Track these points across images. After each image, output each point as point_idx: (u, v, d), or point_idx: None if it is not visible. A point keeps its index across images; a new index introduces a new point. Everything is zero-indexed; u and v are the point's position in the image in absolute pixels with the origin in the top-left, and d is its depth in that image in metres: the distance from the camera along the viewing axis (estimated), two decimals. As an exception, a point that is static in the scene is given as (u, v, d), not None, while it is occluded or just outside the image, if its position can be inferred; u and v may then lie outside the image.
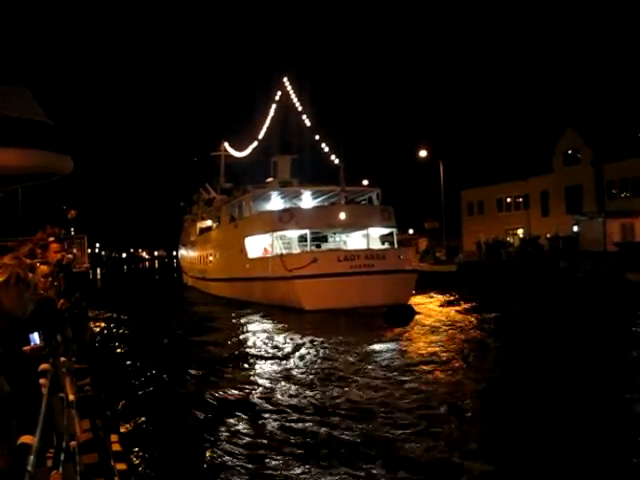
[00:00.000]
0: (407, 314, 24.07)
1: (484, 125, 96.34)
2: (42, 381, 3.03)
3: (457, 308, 26.85)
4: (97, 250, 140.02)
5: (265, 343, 19.05)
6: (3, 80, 24.86)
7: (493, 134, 74.58)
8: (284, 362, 15.77)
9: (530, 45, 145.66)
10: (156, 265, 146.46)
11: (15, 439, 1.73)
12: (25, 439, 1.73)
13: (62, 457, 2.81)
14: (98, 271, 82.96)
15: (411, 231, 76.39)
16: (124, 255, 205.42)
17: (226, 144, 51.84)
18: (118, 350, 18.62)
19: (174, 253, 76.71)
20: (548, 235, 46.32)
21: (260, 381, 13.59)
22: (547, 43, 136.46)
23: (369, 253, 27.92)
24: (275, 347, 18.14)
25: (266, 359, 16.43)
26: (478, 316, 23.79)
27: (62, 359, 4.47)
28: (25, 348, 3.10)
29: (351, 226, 30.54)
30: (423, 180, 70.39)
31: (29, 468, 1.30)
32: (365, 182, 61.00)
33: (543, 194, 52.70)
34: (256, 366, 15.59)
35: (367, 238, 29.87)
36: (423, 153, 54.79)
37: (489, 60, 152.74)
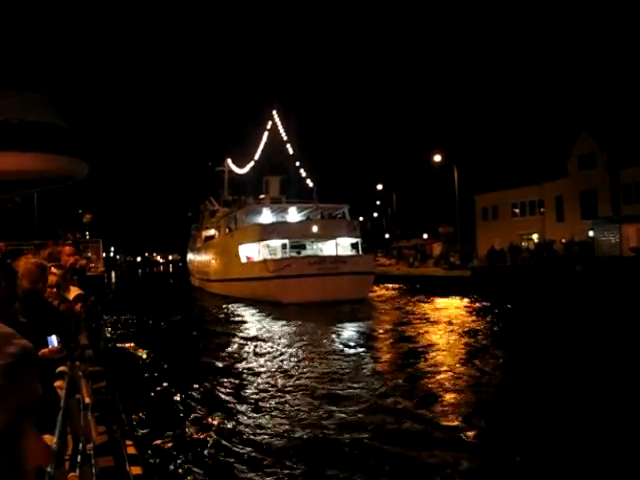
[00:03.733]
0: (362, 306, 30.35)
1: (498, 130, 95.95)
2: (59, 383, 3.04)
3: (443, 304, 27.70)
4: (112, 254, 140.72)
5: (255, 330, 23.66)
6: (20, 86, 25.14)
7: (507, 139, 74.28)
8: (268, 341, 20.13)
9: (545, 49, 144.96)
10: (170, 269, 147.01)
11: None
12: (44, 439, 1.73)
13: (79, 459, 2.82)
14: (113, 275, 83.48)
15: (425, 236, 76.34)
16: (139, 259, 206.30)
17: (229, 160, 56.90)
18: (133, 353, 18.69)
19: (188, 257, 79.21)
20: (563, 240, 46.00)
21: (256, 360, 16.72)
22: (562, 47, 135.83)
23: (334, 258, 34.47)
24: (261, 330, 23.38)
25: (256, 342, 20.04)
26: (464, 315, 25.90)
27: (77, 362, 4.50)
28: (43, 351, 3.12)
29: (322, 237, 36.84)
30: (437, 185, 70.45)
31: (49, 469, 1.30)
32: (379, 187, 66.69)
33: (558, 199, 52.24)
34: (250, 349, 18.76)
35: (336, 246, 36.16)
36: (437, 158, 54.77)
37: (504, 65, 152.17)
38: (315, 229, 36.35)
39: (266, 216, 40.33)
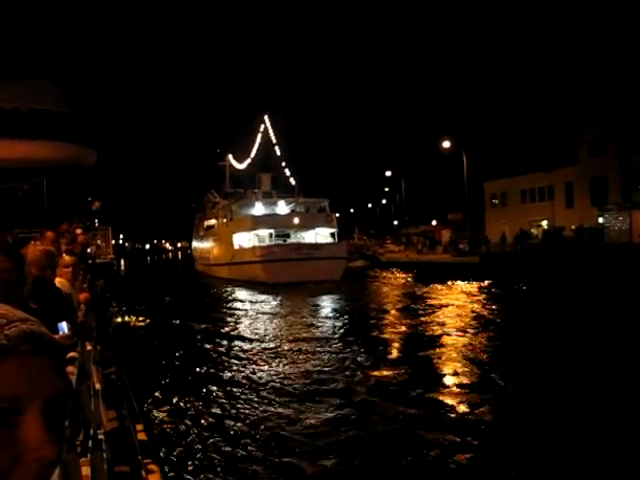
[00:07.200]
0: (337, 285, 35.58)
1: (508, 116, 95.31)
2: (70, 369, 3.05)
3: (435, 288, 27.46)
4: (121, 241, 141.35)
5: (247, 305, 28.09)
6: (28, 73, 25.11)
7: (517, 125, 73.84)
8: (258, 312, 24.80)
9: (556, 36, 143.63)
10: (179, 256, 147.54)
11: None
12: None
13: (90, 445, 2.83)
14: (122, 262, 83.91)
15: (434, 222, 76.15)
16: (147, 246, 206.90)
17: (230, 156, 61.86)
18: (142, 338, 18.82)
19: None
20: (573, 227, 45.74)
21: (252, 335, 18.83)
22: (573, 34, 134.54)
23: (312, 245, 40.58)
24: (253, 303, 28.81)
25: (249, 316, 23.89)
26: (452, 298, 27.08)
27: (88, 348, 4.51)
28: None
29: (302, 227, 43.24)
30: (446, 172, 70.16)
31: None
32: (388, 173, 70.34)
33: (568, 185, 51.95)
34: (244, 323, 22.16)
35: (315, 235, 42.81)
36: (446, 144, 54.43)
37: (515, 52, 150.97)
38: (297, 221, 42.93)
39: (258, 208, 46.49)
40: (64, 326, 3.29)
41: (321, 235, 43.09)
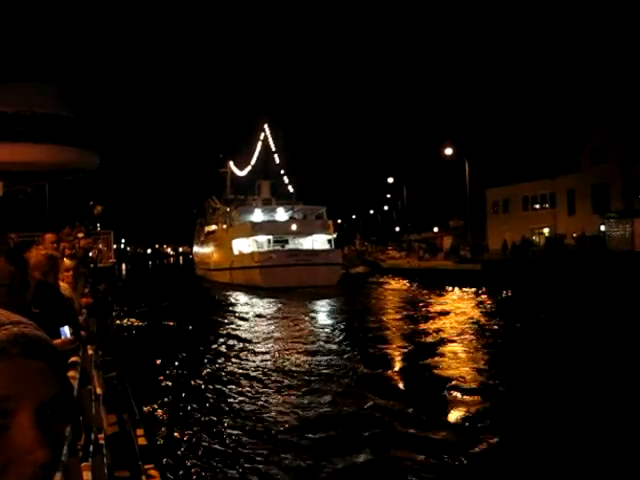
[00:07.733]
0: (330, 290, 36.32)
1: (510, 123, 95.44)
2: (71, 374, 3.05)
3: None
4: (122, 246, 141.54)
5: (247, 308, 29.21)
6: (31, 78, 25.16)
7: (519, 132, 73.84)
8: (257, 316, 25.44)
9: (558, 43, 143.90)
10: (180, 261, 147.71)
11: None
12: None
13: (91, 449, 2.83)
14: (123, 266, 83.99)
15: (436, 229, 76.12)
16: (149, 251, 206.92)
17: (231, 163, 63.03)
18: (143, 343, 18.80)
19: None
20: (574, 234, 45.66)
21: (251, 339, 18.88)
22: (575, 41, 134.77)
23: (309, 252, 41.70)
24: (252, 306, 29.86)
25: (248, 320, 24.22)
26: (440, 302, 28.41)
27: (90, 352, 4.51)
28: (56, 342, 3.12)
29: (299, 234, 44.46)
30: (448, 178, 70.22)
31: (62, 458, 1.30)
32: (390, 180, 70.80)
33: (570, 193, 51.85)
34: (243, 327, 22.33)
35: (312, 242, 43.88)
36: (448, 151, 54.44)
37: (516, 58, 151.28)
38: (294, 227, 43.98)
39: (257, 215, 47.90)
40: (66, 330, 3.29)
41: (318, 242, 44.22)
